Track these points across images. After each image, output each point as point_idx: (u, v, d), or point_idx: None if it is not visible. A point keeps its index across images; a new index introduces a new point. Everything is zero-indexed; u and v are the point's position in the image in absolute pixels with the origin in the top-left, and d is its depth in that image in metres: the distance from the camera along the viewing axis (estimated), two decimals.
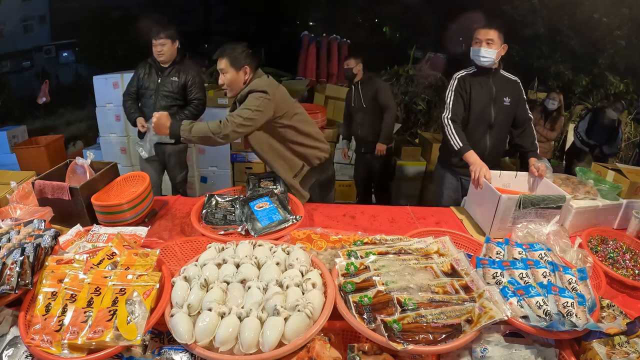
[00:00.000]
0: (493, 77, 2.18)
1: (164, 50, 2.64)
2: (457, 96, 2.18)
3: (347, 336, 1.07)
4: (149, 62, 2.76)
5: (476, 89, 2.17)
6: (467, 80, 2.18)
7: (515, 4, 5.68)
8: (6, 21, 5.73)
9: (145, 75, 2.75)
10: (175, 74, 2.71)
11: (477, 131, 2.20)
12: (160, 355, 0.95)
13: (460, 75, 2.22)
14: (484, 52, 2.07)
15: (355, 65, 3.21)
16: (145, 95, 2.76)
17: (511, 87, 2.22)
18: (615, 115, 4.33)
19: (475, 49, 2.11)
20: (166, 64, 2.71)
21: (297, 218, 1.60)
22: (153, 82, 2.71)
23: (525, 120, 2.23)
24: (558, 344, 1.03)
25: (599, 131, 4.42)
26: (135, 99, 2.80)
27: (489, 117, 2.19)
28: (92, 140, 4.50)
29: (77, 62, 6.92)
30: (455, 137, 2.10)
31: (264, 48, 6.19)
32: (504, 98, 2.18)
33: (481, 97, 2.18)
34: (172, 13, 5.60)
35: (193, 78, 2.75)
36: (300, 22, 6.77)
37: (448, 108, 2.18)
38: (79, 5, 6.04)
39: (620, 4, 5.39)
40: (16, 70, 6.21)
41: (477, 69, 2.19)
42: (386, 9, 6.26)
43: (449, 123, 2.14)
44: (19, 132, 4.17)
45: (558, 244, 1.42)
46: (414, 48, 5.63)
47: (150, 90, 2.73)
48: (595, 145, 4.48)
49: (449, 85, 2.23)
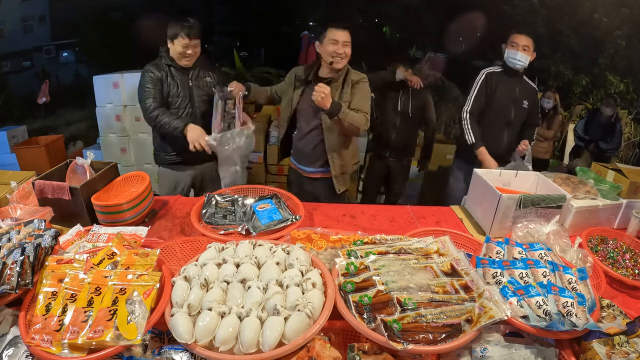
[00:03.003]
0: (518, 79, 2.34)
1: (196, 53, 2.25)
2: (480, 91, 2.33)
3: (347, 336, 1.06)
4: (164, 65, 2.27)
5: (501, 87, 2.33)
6: (494, 77, 2.34)
7: (515, 4, 5.70)
8: (6, 21, 5.74)
9: (169, 79, 2.27)
10: (205, 74, 2.35)
11: (496, 128, 2.34)
12: (160, 355, 0.95)
13: (488, 71, 2.37)
14: (520, 57, 2.26)
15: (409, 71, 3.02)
16: (175, 104, 2.28)
17: (530, 92, 2.39)
18: (609, 111, 4.45)
19: (512, 52, 2.26)
20: (190, 65, 2.29)
21: (297, 218, 1.60)
22: (184, 88, 2.26)
23: (533, 124, 2.42)
24: (558, 343, 1.03)
25: (595, 127, 4.59)
26: (167, 109, 2.25)
27: (509, 115, 2.33)
28: (92, 140, 4.51)
29: (77, 62, 6.93)
30: (470, 131, 2.25)
31: (264, 48, 6.20)
32: (524, 101, 2.35)
33: (505, 96, 2.32)
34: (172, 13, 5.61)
35: (219, 75, 2.44)
36: (300, 22, 6.78)
37: (470, 101, 2.35)
38: (79, 5, 6.05)
39: (620, 4, 5.40)
40: (16, 70, 6.22)
41: (505, 69, 2.30)
42: (386, 9, 6.27)
43: (467, 117, 2.32)
44: (19, 132, 4.18)
45: (558, 244, 1.42)
46: (414, 48, 5.64)
47: (179, 97, 2.27)
48: (591, 141, 4.62)
49: (476, 79, 2.38)
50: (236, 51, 5.44)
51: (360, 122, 2.04)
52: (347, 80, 2.12)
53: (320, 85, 1.87)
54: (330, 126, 2.10)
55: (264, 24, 6.52)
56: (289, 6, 6.36)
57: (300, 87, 2.19)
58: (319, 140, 2.19)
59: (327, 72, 2.12)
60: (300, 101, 2.20)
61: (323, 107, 1.91)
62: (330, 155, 2.18)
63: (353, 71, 2.16)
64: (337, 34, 2.01)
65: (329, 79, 2.09)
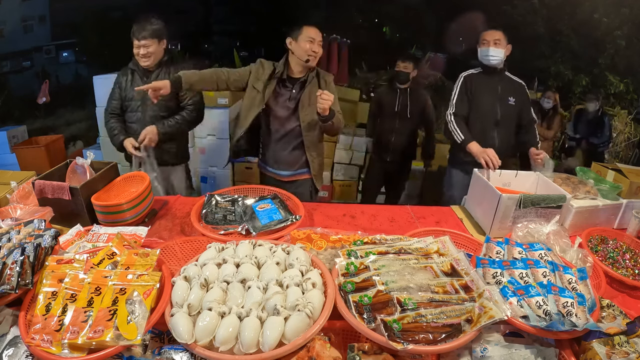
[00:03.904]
0: (499, 76, 2.27)
1: (149, 53, 2.21)
2: (461, 94, 2.27)
3: (347, 336, 1.06)
4: (130, 67, 2.32)
5: (482, 87, 2.27)
6: (473, 79, 2.28)
7: (515, 4, 5.70)
8: (6, 21, 5.73)
9: (128, 84, 2.30)
10: (165, 77, 2.23)
11: (485, 129, 2.28)
12: (160, 354, 0.95)
13: (467, 74, 2.32)
14: (492, 52, 2.17)
15: (412, 70, 2.96)
16: (130, 107, 2.32)
17: (516, 88, 2.30)
18: (593, 106, 4.56)
19: (484, 49, 2.21)
20: (152, 68, 2.28)
21: (297, 217, 1.60)
22: (139, 92, 2.21)
23: (530, 121, 2.31)
24: (558, 343, 1.03)
25: (583, 125, 4.71)
26: (119, 116, 2.35)
27: (495, 114, 2.27)
28: (92, 140, 4.50)
29: (77, 62, 6.93)
30: (457, 130, 2.18)
31: (264, 48, 6.20)
32: (509, 97, 2.27)
33: (487, 96, 2.26)
34: (171, 13, 5.62)
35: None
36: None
37: (452, 104, 2.27)
38: (79, 5, 6.05)
39: (620, 4, 5.40)
40: (16, 70, 6.22)
41: (483, 69, 2.26)
42: (386, 9, 6.28)
43: (452, 119, 2.24)
44: (19, 132, 4.17)
45: (558, 244, 1.42)
46: (414, 48, 5.64)
47: (135, 101, 2.30)
48: (582, 138, 4.72)
49: (456, 83, 2.31)
50: (236, 51, 5.44)
51: (341, 123, 2.07)
52: (321, 80, 2.09)
53: (325, 93, 1.84)
54: (309, 125, 2.05)
55: (264, 24, 6.52)
56: (289, 6, 6.35)
57: (271, 85, 2.05)
58: (298, 143, 2.12)
59: (298, 70, 2.07)
60: (271, 101, 2.08)
61: (324, 114, 1.88)
62: (310, 155, 2.13)
63: (322, 70, 2.13)
64: (313, 32, 1.98)
65: (304, 79, 2.05)
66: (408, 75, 2.95)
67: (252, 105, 2.08)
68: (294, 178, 2.21)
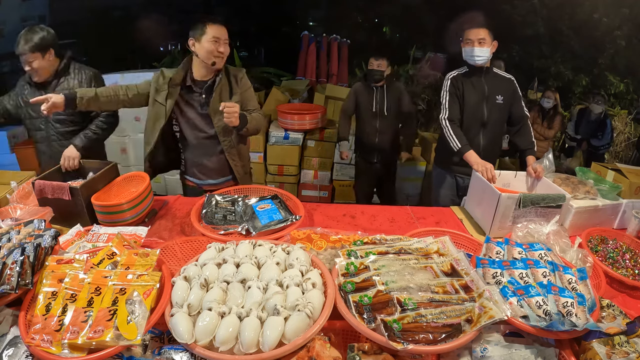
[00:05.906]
0: (485, 75, 2.20)
1: (34, 69, 2.01)
2: (452, 96, 2.21)
3: (347, 336, 1.06)
4: (27, 79, 2.12)
5: (468, 88, 2.20)
6: (459, 80, 2.21)
7: (515, 4, 5.70)
8: (6, 21, 5.72)
9: (27, 95, 2.10)
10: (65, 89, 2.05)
11: (471, 130, 2.22)
12: (160, 355, 0.95)
13: (452, 75, 2.24)
14: (477, 52, 2.09)
15: (386, 68, 2.85)
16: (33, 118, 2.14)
17: (504, 85, 2.22)
18: (598, 108, 4.49)
19: (469, 49, 2.13)
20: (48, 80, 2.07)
21: (297, 217, 1.60)
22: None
23: (521, 117, 2.22)
24: (558, 343, 1.03)
25: (586, 126, 4.65)
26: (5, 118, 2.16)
27: (482, 115, 2.21)
28: None
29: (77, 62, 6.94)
30: (454, 138, 2.10)
31: (264, 48, 6.20)
32: (497, 96, 2.19)
33: (473, 96, 2.19)
34: (172, 13, 5.62)
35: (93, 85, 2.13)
36: (300, 22, 6.78)
37: (445, 108, 2.19)
38: (79, 5, 6.05)
39: (620, 4, 5.40)
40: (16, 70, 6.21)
41: (469, 69, 2.21)
42: (386, 9, 6.28)
43: (447, 124, 2.15)
44: (19, 132, 4.16)
45: (558, 244, 1.42)
46: (414, 48, 5.64)
47: (37, 113, 2.06)
48: (582, 139, 4.68)
49: (443, 86, 2.25)
50: (236, 51, 5.44)
51: (261, 123, 1.98)
52: (232, 80, 1.94)
53: (227, 105, 1.73)
54: (224, 130, 1.93)
55: (264, 24, 6.52)
56: (289, 6, 6.36)
57: (175, 93, 1.88)
58: (218, 149, 2.00)
59: (203, 74, 1.90)
60: (182, 109, 1.94)
61: (233, 126, 1.81)
62: (231, 158, 2.01)
63: (231, 67, 1.97)
64: (218, 30, 1.80)
65: (212, 82, 1.89)
66: (382, 74, 2.84)
67: (157, 119, 1.92)
68: (221, 186, 2.06)
